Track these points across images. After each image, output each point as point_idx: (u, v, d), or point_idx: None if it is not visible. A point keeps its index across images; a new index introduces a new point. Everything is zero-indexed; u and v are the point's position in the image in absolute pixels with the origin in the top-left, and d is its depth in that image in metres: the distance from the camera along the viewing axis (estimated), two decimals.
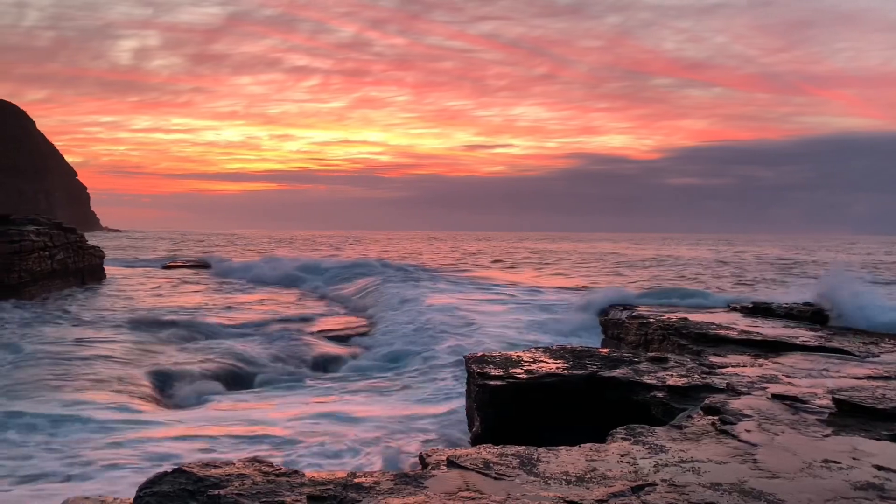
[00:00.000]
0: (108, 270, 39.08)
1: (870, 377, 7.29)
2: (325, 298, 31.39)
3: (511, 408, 7.04)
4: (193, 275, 43.75)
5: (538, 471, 4.45)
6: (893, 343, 9.76)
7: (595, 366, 7.67)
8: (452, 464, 4.53)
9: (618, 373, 7.36)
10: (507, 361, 7.86)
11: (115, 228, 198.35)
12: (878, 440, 5.12)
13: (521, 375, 7.24)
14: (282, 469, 4.36)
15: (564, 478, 4.32)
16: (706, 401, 6.15)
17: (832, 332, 10.53)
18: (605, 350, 9.19)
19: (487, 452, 4.78)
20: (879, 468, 4.50)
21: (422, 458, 4.78)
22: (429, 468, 4.52)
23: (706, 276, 42.76)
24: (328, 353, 17.57)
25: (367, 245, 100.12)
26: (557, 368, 7.53)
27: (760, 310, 12.71)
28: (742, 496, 4.02)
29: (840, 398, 5.94)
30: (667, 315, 12.04)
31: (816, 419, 5.65)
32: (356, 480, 4.20)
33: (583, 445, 5.02)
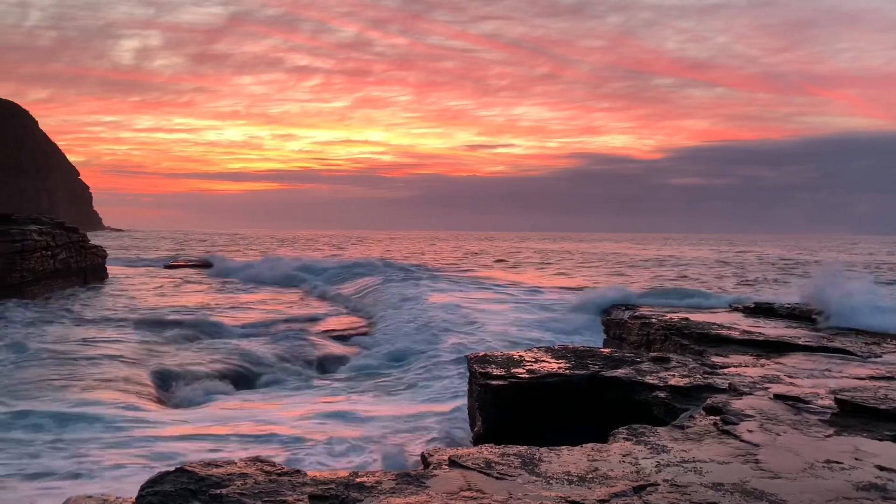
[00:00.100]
0: (111, 270, 39.16)
1: (872, 377, 7.28)
2: (328, 298, 31.42)
3: (513, 407, 7.03)
4: (196, 274, 43.83)
5: (540, 471, 4.45)
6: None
7: (597, 366, 7.66)
8: (454, 463, 4.53)
9: (620, 373, 7.35)
10: (509, 361, 7.86)
11: (117, 228, 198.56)
12: (881, 440, 5.12)
13: (523, 375, 7.24)
14: (283, 468, 4.36)
15: (566, 478, 4.33)
16: (708, 401, 6.15)
17: (834, 333, 10.51)
18: (607, 350, 9.19)
19: (489, 452, 4.78)
20: (882, 469, 4.49)
21: (424, 458, 4.78)
22: (430, 468, 4.52)
23: (708, 277, 42.73)
24: (332, 353, 17.59)
25: (369, 245, 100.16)
26: (559, 368, 7.53)
27: (762, 310, 12.70)
28: (744, 496, 4.02)
29: (842, 398, 5.93)
30: (669, 315, 12.04)
31: (818, 419, 5.65)
32: (358, 480, 4.21)
33: (585, 445, 5.02)
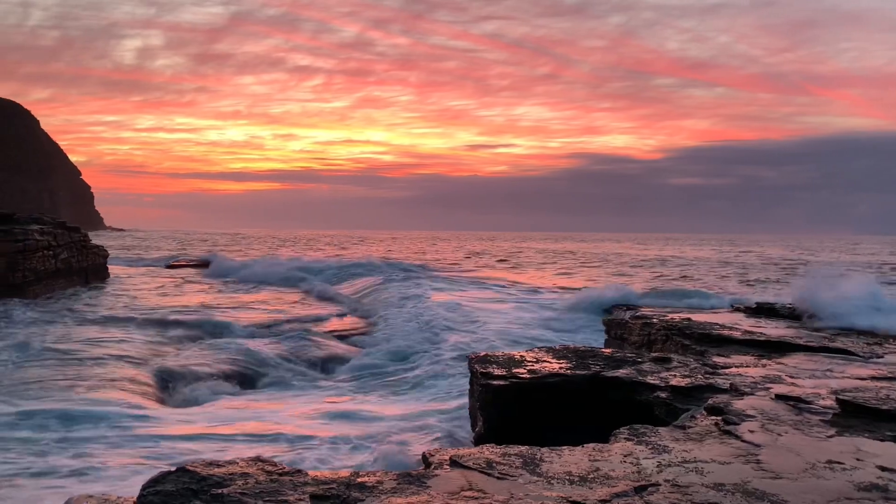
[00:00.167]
0: (112, 270, 39.19)
1: (874, 378, 7.28)
2: (329, 298, 31.41)
3: (514, 408, 7.03)
4: (197, 274, 43.83)
5: (541, 471, 4.45)
6: None
7: (598, 366, 7.66)
8: (455, 463, 4.53)
9: (621, 373, 7.35)
10: (511, 361, 7.86)
11: (119, 228, 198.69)
12: (882, 441, 5.11)
13: (525, 375, 7.24)
14: (285, 468, 4.37)
15: (567, 478, 4.32)
16: (709, 401, 6.15)
17: (835, 333, 10.51)
18: (609, 350, 9.19)
19: (490, 452, 4.78)
20: (883, 469, 4.49)
21: (425, 458, 4.78)
22: (432, 468, 4.52)
23: (709, 277, 42.71)
24: (335, 353, 17.61)
25: (371, 245, 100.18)
26: (560, 368, 7.52)
27: (764, 310, 12.70)
28: (745, 497, 4.02)
29: (844, 399, 5.93)
30: (670, 315, 12.04)
31: (820, 420, 5.64)
32: (359, 480, 4.21)
33: (586, 445, 5.02)
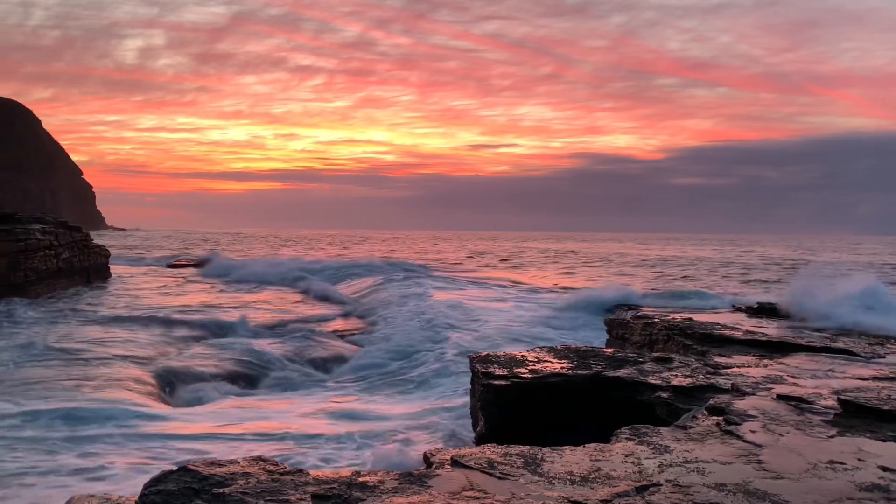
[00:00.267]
0: (114, 269, 39.24)
1: (875, 378, 7.27)
2: (331, 297, 31.40)
3: (515, 407, 7.03)
4: (199, 274, 43.86)
5: (542, 471, 4.45)
6: None
7: (600, 366, 7.66)
8: (457, 463, 4.53)
9: (622, 373, 7.35)
10: (512, 361, 7.85)
11: (120, 227, 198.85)
12: (884, 441, 5.11)
13: (526, 375, 7.23)
14: (286, 468, 4.37)
15: (569, 478, 4.32)
16: (711, 401, 6.15)
17: (837, 333, 10.51)
18: (610, 350, 9.19)
19: (492, 452, 4.78)
20: (885, 469, 4.49)
21: (426, 458, 4.78)
22: (433, 467, 4.52)
23: (711, 277, 42.69)
24: (339, 353, 17.65)
25: (373, 244, 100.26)
26: (562, 368, 7.52)
27: (765, 310, 12.70)
28: (747, 497, 4.01)
29: (845, 399, 5.92)
30: (671, 315, 12.04)
31: (821, 420, 5.64)
32: (361, 479, 4.21)
33: (587, 445, 5.02)
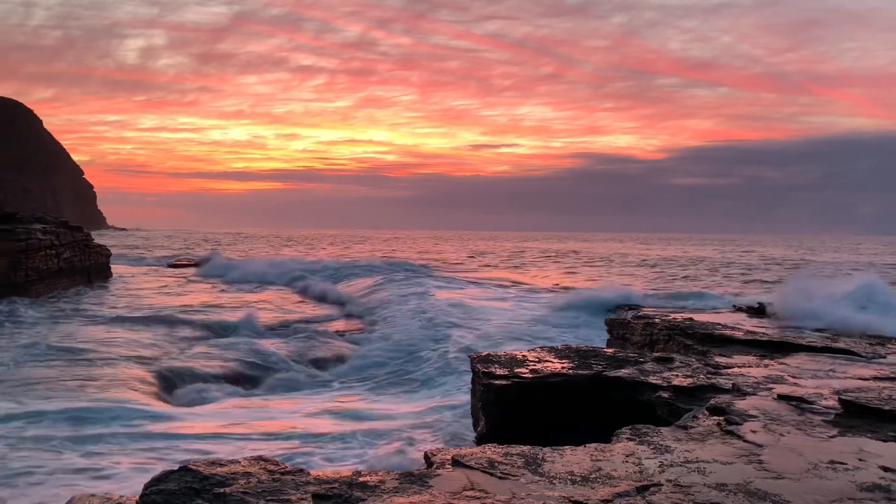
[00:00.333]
0: (115, 269, 39.28)
1: (876, 378, 7.27)
2: (334, 297, 31.37)
3: (516, 407, 7.03)
4: (199, 274, 43.83)
5: (543, 470, 4.45)
6: None
7: (600, 366, 7.66)
8: (457, 463, 4.52)
9: (623, 373, 7.35)
10: (513, 361, 7.85)
11: (121, 227, 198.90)
12: (885, 441, 5.11)
13: (527, 375, 7.23)
14: (287, 468, 4.37)
15: (569, 478, 4.32)
16: (711, 401, 6.14)
17: (838, 333, 10.50)
18: (611, 350, 9.18)
19: (492, 452, 4.78)
20: (886, 469, 4.48)
21: (427, 458, 4.78)
22: (434, 467, 4.51)
23: (712, 277, 42.69)
24: (343, 352, 17.69)
25: (373, 244, 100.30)
26: (563, 368, 7.52)
27: (765, 310, 12.67)
28: (747, 497, 4.01)
29: (846, 399, 5.92)
30: (672, 315, 12.03)
31: (822, 420, 5.64)
32: (361, 479, 4.21)
33: (588, 445, 5.02)
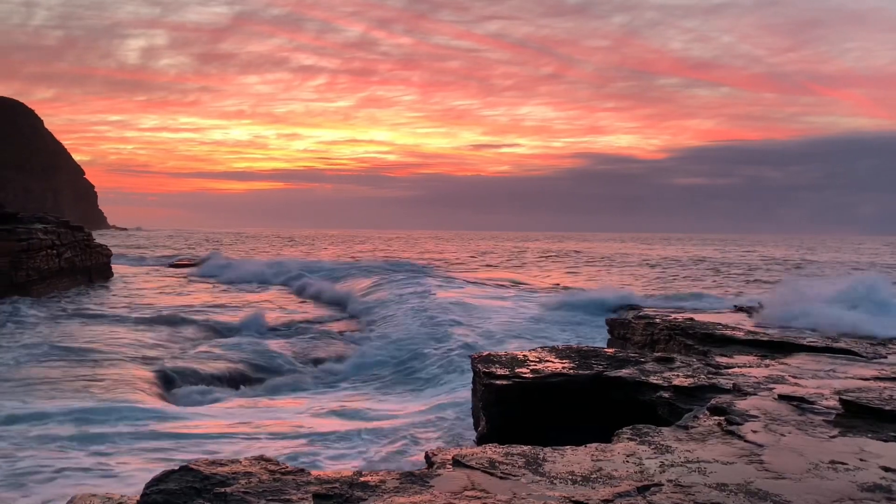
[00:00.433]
0: (116, 269, 39.29)
1: (877, 378, 7.27)
2: (335, 297, 31.26)
3: (517, 407, 7.03)
4: (200, 273, 43.82)
5: (544, 470, 4.45)
6: None
7: (601, 366, 7.66)
8: (458, 463, 4.53)
9: (624, 373, 7.35)
10: (513, 361, 7.85)
11: (122, 227, 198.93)
12: (886, 441, 5.11)
13: (527, 375, 7.24)
14: (288, 467, 4.38)
15: (570, 478, 4.33)
16: (712, 401, 6.14)
17: (839, 333, 10.49)
18: (611, 350, 9.18)
19: (493, 452, 4.78)
20: (887, 469, 4.48)
21: (427, 458, 4.78)
22: (434, 467, 4.52)
23: (713, 277, 42.66)
24: (345, 351, 17.70)
25: (374, 244, 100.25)
26: (563, 368, 7.52)
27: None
28: (748, 497, 4.01)
29: (847, 399, 5.92)
30: (673, 315, 12.03)
31: (823, 420, 5.64)
32: (362, 479, 4.21)
33: (588, 445, 5.02)
